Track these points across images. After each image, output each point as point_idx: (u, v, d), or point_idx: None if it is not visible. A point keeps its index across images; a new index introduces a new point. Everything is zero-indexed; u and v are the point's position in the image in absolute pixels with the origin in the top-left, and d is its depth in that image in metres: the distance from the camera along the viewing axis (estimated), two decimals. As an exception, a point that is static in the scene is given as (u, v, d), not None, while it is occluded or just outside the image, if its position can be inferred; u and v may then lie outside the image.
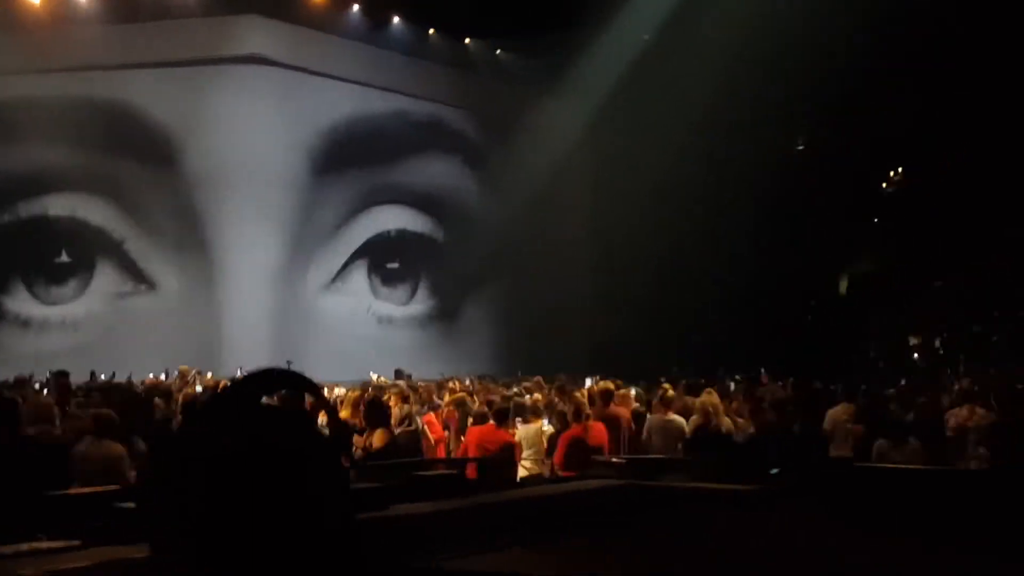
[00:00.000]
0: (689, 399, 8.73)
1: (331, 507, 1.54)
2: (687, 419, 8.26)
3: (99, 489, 4.46)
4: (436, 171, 21.61)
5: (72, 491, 4.82)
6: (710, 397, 8.25)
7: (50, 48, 18.16)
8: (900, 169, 24.13)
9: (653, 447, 8.22)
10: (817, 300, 24.09)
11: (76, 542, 2.96)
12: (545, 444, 8.35)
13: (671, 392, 9.07)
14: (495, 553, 3.54)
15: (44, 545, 2.91)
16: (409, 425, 8.40)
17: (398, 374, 14.37)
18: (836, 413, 8.84)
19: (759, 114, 20.62)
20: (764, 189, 20.89)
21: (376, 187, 20.68)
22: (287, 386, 1.61)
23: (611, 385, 9.59)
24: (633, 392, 10.29)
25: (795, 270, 21.61)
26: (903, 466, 6.60)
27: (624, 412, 8.89)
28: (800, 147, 24.20)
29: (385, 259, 21.07)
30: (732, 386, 13.47)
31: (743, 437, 7.96)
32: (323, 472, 1.50)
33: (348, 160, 20.10)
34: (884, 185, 24.56)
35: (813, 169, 22.26)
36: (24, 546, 2.85)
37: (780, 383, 12.02)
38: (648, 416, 8.68)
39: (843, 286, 25.50)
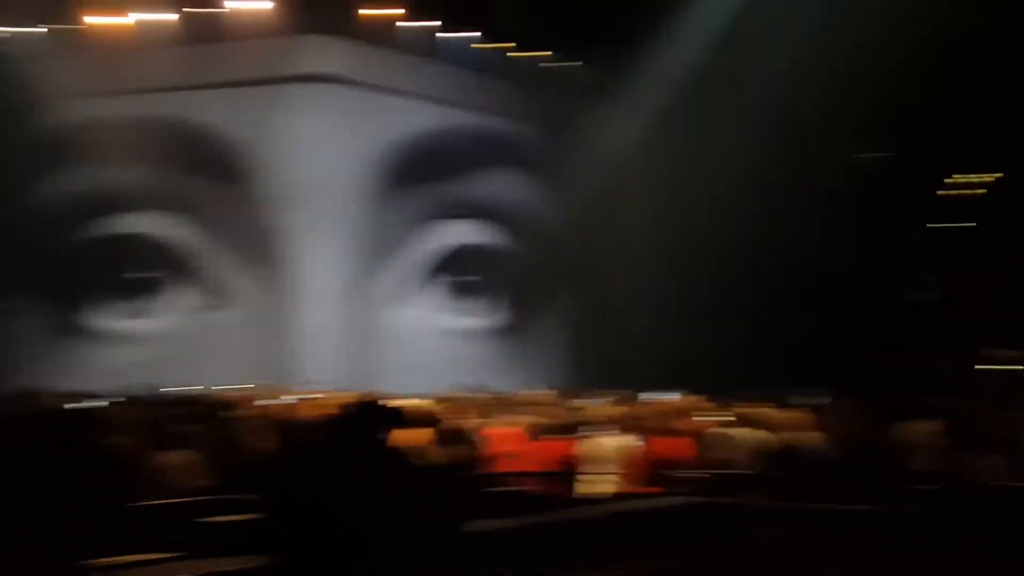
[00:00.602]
0: (765, 413, 8.60)
1: (418, 527, 1.57)
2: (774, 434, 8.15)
3: (187, 500, 4.54)
4: (502, 183, 21.66)
5: (160, 502, 4.91)
6: (786, 412, 8.13)
7: (124, 71, 18.67)
8: (977, 173, 23.56)
9: (731, 463, 8.13)
10: (892, 311, 23.61)
11: (172, 554, 3.01)
12: (623, 459, 8.29)
13: (751, 407, 8.96)
14: (567, 571, 3.52)
15: (142, 557, 2.97)
16: (477, 439, 8.40)
17: (468, 387, 14.38)
18: (916, 428, 8.63)
19: (826, 120, 20.30)
20: (831, 197, 20.54)
21: (443, 201, 20.80)
22: (388, 420, 1.67)
23: (687, 398, 9.52)
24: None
25: (868, 280, 21.21)
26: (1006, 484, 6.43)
27: (701, 426, 8.81)
28: (869, 153, 23.76)
29: (454, 273, 21.15)
30: (809, 400, 13.23)
31: (821, 453, 7.82)
32: (413, 496, 1.54)
33: (416, 175, 20.23)
34: (959, 190, 24.00)
35: (883, 175, 21.86)
36: (123, 559, 2.91)
37: (859, 398, 11.75)
38: (725, 431, 8.59)
39: (920, 296, 24.97)
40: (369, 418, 1.61)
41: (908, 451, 8.29)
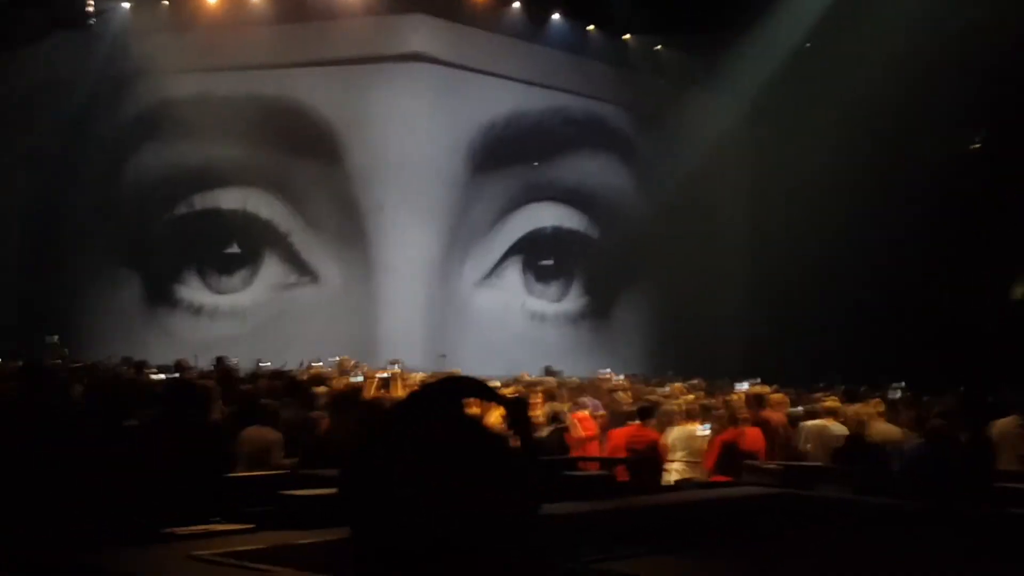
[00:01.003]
0: (843, 406, 8.48)
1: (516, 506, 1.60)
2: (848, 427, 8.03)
3: (267, 473, 4.68)
4: (592, 168, 21.61)
5: (240, 475, 5.07)
6: (863, 406, 7.99)
7: (223, 48, 19.15)
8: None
9: (809, 455, 8.04)
10: (990, 306, 22.89)
11: (249, 525, 3.13)
12: (699, 447, 8.26)
13: (832, 400, 8.83)
14: (644, 558, 3.54)
15: (219, 527, 3.10)
16: (558, 422, 8.45)
17: (548, 371, 14.40)
18: (1005, 424, 8.39)
19: (930, 110, 19.71)
20: (934, 188, 19.95)
21: (532, 184, 20.83)
22: (476, 395, 1.69)
23: (765, 389, 9.42)
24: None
25: (966, 274, 20.59)
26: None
27: (780, 417, 8.71)
28: (976, 145, 22.99)
29: (539, 256, 21.18)
30: (898, 395, 12.97)
31: (908, 448, 7.67)
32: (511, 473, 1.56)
33: (505, 157, 20.30)
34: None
35: (988, 168, 21.14)
36: (200, 527, 3.04)
37: (944, 392, 11.49)
38: (804, 423, 8.49)
39: (1018, 291, 24.17)
40: (450, 393, 1.63)
41: (995, 446, 8.08)
